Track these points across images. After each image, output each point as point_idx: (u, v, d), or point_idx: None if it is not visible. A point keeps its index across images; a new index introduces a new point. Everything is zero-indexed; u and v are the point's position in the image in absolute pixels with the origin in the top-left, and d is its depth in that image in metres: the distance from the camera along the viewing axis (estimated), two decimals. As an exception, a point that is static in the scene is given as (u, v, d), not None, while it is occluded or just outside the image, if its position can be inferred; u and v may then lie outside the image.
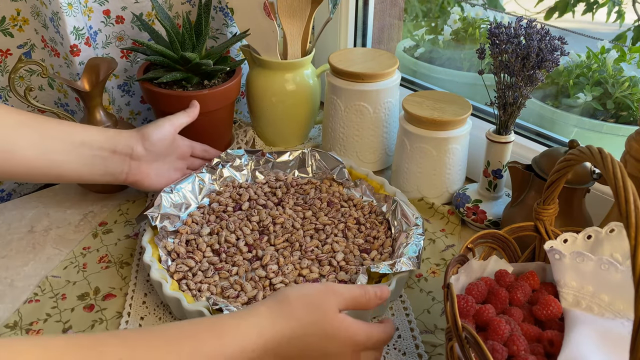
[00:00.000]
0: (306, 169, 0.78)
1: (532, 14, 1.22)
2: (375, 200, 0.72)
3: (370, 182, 0.74)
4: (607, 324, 0.44)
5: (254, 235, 0.67)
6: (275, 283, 0.59)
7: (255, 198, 0.72)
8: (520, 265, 0.53)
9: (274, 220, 0.68)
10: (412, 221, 0.65)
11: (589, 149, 0.39)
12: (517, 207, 0.65)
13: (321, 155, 0.77)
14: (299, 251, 0.64)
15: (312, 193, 0.73)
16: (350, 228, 0.68)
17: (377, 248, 0.65)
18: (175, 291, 0.56)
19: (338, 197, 0.73)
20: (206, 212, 0.70)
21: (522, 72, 0.61)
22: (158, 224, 0.64)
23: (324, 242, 0.66)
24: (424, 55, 1.19)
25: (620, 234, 0.49)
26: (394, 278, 0.57)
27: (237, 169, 0.77)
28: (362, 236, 0.67)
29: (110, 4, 0.79)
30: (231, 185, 0.75)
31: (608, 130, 0.90)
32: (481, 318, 0.44)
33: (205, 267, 0.62)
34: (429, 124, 0.70)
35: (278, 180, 0.76)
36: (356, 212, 0.70)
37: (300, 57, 0.84)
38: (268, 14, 0.79)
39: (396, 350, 0.55)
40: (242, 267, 0.62)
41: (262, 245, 0.65)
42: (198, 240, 0.65)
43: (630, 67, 0.93)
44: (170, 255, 0.63)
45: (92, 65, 0.72)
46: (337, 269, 0.62)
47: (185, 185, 0.71)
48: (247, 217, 0.69)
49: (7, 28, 0.75)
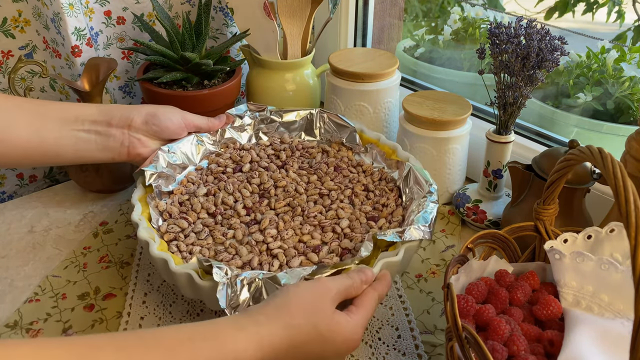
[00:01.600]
0: (314, 131, 0.73)
1: (532, 14, 1.22)
2: (387, 167, 0.67)
3: (382, 147, 0.69)
4: (607, 324, 0.44)
5: (253, 198, 0.63)
6: (273, 248, 0.56)
7: (257, 160, 0.68)
8: (520, 265, 0.53)
9: (276, 183, 0.64)
10: (425, 188, 0.60)
11: (589, 149, 0.39)
12: (517, 207, 0.65)
13: (330, 117, 0.73)
14: (300, 216, 0.60)
15: (318, 157, 0.69)
16: (358, 194, 0.64)
17: (386, 216, 0.61)
18: (163, 252, 0.53)
19: (346, 162, 0.69)
20: (204, 173, 0.67)
21: (522, 72, 0.61)
22: (153, 182, 0.61)
23: (328, 208, 0.62)
24: (424, 55, 1.19)
25: (620, 234, 0.49)
26: (402, 247, 0.52)
27: (239, 129, 0.72)
28: (370, 203, 0.62)
29: (111, 5, 0.79)
30: (232, 147, 0.71)
31: (608, 130, 0.90)
32: (481, 318, 0.45)
33: (199, 228, 0.58)
34: (429, 124, 0.70)
35: (283, 142, 0.72)
36: (365, 178, 0.66)
37: (300, 57, 0.84)
38: (268, 14, 0.79)
39: (396, 350, 0.55)
40: (238, 231, 0.58)
41: (262, 208, 0.61)
42: (193, 201, 0.62)
43: (631, 67, 0.93)
44: (162, 216, 0.60)
45: (92, 65, 0.72)
46: (341, 236, 0.58)
47: (183, 146, 0.67)
48: (248, 179, 0.65)
49: (8, 29, 0.75)
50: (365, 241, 0.54)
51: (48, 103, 0.61)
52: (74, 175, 0.76)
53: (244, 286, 0.47)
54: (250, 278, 0.48)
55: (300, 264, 0.54)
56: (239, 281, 0.47)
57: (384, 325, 0.58)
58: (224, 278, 0.48)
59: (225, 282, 0.47)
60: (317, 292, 0.45)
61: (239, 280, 0.47)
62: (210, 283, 0.48)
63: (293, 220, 0.60)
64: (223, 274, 0.48)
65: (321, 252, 0.56)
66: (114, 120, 0.61)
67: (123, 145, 0.62)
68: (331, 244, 0.57)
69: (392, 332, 0.57)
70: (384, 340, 0.56)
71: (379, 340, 0.56)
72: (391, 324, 0.58)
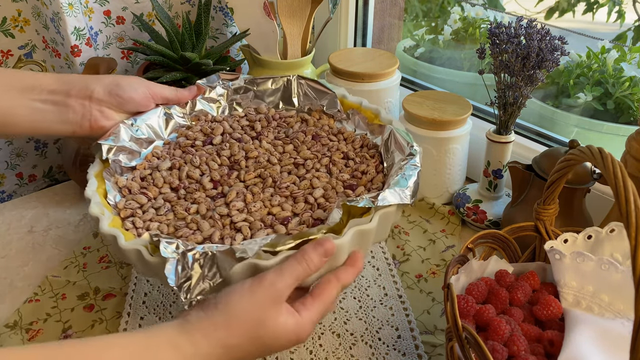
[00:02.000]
0: (292, 99, 0.68)
1: (533, 14, 1.22)
2: (369, 133, 0.63)
3: (364, 112, 0.64)
4: (607, 324, 0.44)
5: (221, 170, 0.58)
6: (237, 221, 0.52)
7: (230, 132, 0.64)
8: (520, 266, 0.53)
9: (247, 154, 0.60)
10: (406, 151, 0.55)
11: (589, 149, 0.39)
12: (518, 207, 0.65)
13: (309, 83, 0.68)
14: (272, 187, 0.56)
15: (296, 127, 0.65)
16: (336, 163, 0.59)
17: (365, 184, 0.56)
18: (114, 227, 0.49)
19: (327, 130, 0.64)
20: (172, 147, 0.62)
21: (523, 72, 0.61)
22: (110, 157, 0.56)
23: (302, 178, 0.57)
24: (424, 55, 1.19)
25: (620, 234, 0.49)
26: (375, 213, 0.48)
27: (211, 100, 0.67)
28: (349, 171, 0.58)
29: (111, 5, 0.79)
30: (204, 119, 0.66)
31: (608, 130, 0.90)
32: (481, 318, 0.44)
33: (159, 204, 0.54)
34: (429, 124, 0.70)
35: (259, 113, 0.67)
36: (346, 146, 0.62)
37: (300, 57, 0.84)
38: (268, 13, 0.79)
39: (396, 350, 0.55)
40: (202, 205, 0.54)
41: (230, 181, 0.57)
42: (155, 175, 0.57)
43: (631, 67, 0.93)
44: (121, 192, 0.56)
45: (92, 64, 0.72)
46: (314, 207, 0.54)
47: (150, 118, 0.62)
48: (217, 151, 0.61)
49: (8, 29, 0.75)
50: (335, 208, 0.49)
51: (1, 71, 0.57)
52: (73, 175, 0.76)
53: (195, 261, 0.43)
54: (202, 252, 0.44)
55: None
56: (191, 256, 0.43)
57: (384, 326, 0.58)
58: (173, 253, 0.44)
59: (176, 257, 0.44)
60: (260, 301, 0.41)
61: (191, 255, 0.44)
62: (160, 259, 0.45)
63: (263, 192, 0.56)
64: (173, 249, 0.45)
65: (290, 224, 0.52)
66: (74, 90, 0.57)
67: (84, 118, 0.57)
68: (303, 215, 0.53)
69: (392, 332, 0.57)
70: (384, 340, 0.56)
71: (379, 340, 0.56)
72: (391, 324, 0.58)
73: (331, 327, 0.57)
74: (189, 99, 0.66)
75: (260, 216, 0.53)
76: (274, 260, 0.44)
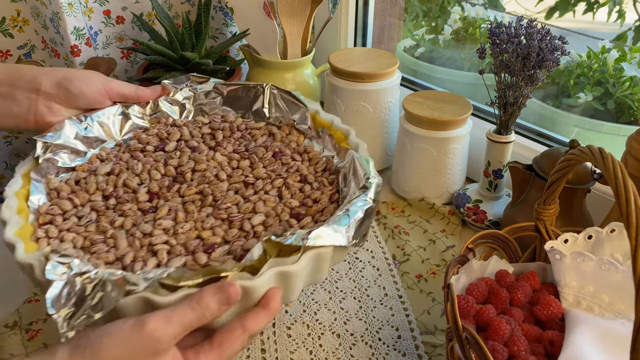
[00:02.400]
0: (263, 109, 0.63)
1: (533, 14, 1.22)
2: (337, 155, 0.58)
3: (334, 132, 0.59)
4: (607, 324, 0.44)
5: (162, 182, 0.53)
6: (156, 243, 0.46)
7: (187, 139, 0.59)
8: (520, 266, 0.53)
9: (195, 166, 0.55)
10: (361, 182, 0.50)
11: (589, 148, 0.39)
12: (518, 207, 0.65)
13: (282, 94, 0.63)
14: (211, 207, 0.51)
15: (260, 140, 0.60)
16: (290, 186, 0.54)
17: (314, 214, 0.51)
18: (18, 236, 0.44)
19: (293, 148, 0.59)
20: (121, 150, 0.58)
21: (523, 71, 0.61)
22: (45, 155, 0.52)
23: (247, 199, 0.52)
24: (424, 55, 1.19)
25: (620, 234, 0.49)
26: (305, 254, 0.42)
27: (176, 103, 0.62)
28: (300, 197, 0.53)
29: (111, 4, 0.79)
30: (163, 122, 0.61)
31: (608, 130, 0.90)
32: (481, 318, 0.44)
33: (85, 212, 0.50)
34: (429, 124, 0.70)
35: (225, 121, 0.62)
36: (307, 168, 0.57)
37: (300, 56, 0.84)
38: (268, 13, 0.78)
39: (396, 351, 0.55)
40: (128, 219, 0.49)
41: (168, 195, 0.52)
42: (89, 180, 0.53)
43: (631, 67, 0.93)
44: (49, 195, 0.51)
45: (91, 64, 0.72)
46: (249, 235, 0.48)
47: (103, 117, 0.57)
48: (166, 159, 0.56)
49: (7, 29, 0.75)
50: (258, 243, 0.42)
51: None
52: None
53: (84, 287, 0.38)
54: (93, 277, 0.39)
55: (184, 265, 0.45)
56: (80, 281, 0.39)
57: (384, 326, 0.58)
58: (62, 276, 0.39)
59: (64, 280, 0.39)
60: (135, 352, 0.35)
61: (80, 280, 0.39)
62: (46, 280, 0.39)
63: (200, 211, 0.51)
64: (63, 270, 0.40)
65: (214, 253, 0.46)
66: (21, 82, 0.53)
67: (29, 112, 0.53)
68: (233, 243, 0.47)
69: (392, 333, 0.57)
70: (384, 340, 0.56)
71: (379, 340, 0.56)
72: (391, 324, 0.58)
73: (331, 327, 0.57)
74: (151, 99, 0.61)
75: (186, 239, 0.47)
76: (170, 298, 0.38)
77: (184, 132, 0.60)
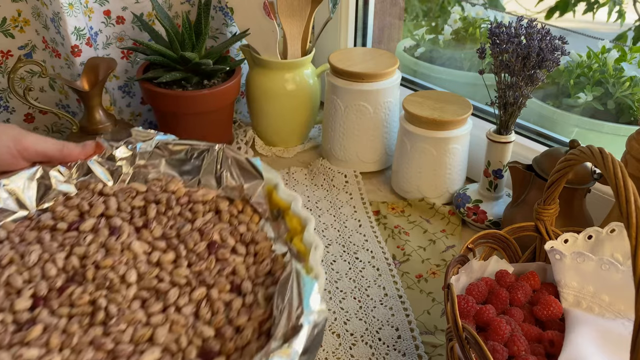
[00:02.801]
0: (215, 176, 0.52)
1: (533, 14, 1.22)
2: (290, 253, 0.45)
3: (289, 220, 0.46)
4: (607, 324, 0.44)
5: (54, 282, 0.41)
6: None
7: (111, 214, 0.47)
8: (520, 266, 0.53)
9: (101, 262, 0.43)
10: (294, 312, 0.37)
11: (589, 149, 0.39)
12: (518, 207, 0.65)
13: (236, 159, 0.51)
14: (100, 326, 0.39)
15: (199, 221, 0.48)
16: (214, 302, 0.41)
17: (230, 353, 0.38)
18: None
19: (240, 234, 0.47)
20: (29, 226, 0.47)
21: (523, 71, 0.61)
22: None
23: (148, 321, 0.40)
24: (424, 55, 1.19)
25: (620, 234, 0.49)
26: None
27: (110, 164, 0.52)
28: (221, 322, 0.40)
29: (111, 4, 0.79)
30: (91, 190, 0.50)
31: (609, 130, 0.90)
32: (482, 318, 0.44)
33: None
34: (429, 124, 0.70)
35: (165, 190, 0.50)
36: (247, 269, 0.44)
37: (300, 56, 0.84)
38: (268, 13, 0.79)
39: (396, 351, 0.55)
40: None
41: (56, 302, 0.40)
42: None
43: (631, 67, 0.93)
44: None
45: (92, 65, 0.72)
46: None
47: (15, 181, 0.47)
48: (73, 245, 0.45)
49: (8, 29, 0.75)
50: None
51: None
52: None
53: None
54: None
55: None
56: None
57: (384, 326, 0.58)
58: None
59: None
60: None
61: None
62: None
63: (85, 333, 0.38)
64: None
65: None
66: None
67: None
68: None
69: (392, 333, 0.57)
70: (384, 340, 0.56)
71: (379, 340, 0.56)
72: (391, 324, 0.58)
73: (331, 327, 0.57)
74: (80, 159, 0.51)
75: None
76: None
77: (110, 204, 0.48)
